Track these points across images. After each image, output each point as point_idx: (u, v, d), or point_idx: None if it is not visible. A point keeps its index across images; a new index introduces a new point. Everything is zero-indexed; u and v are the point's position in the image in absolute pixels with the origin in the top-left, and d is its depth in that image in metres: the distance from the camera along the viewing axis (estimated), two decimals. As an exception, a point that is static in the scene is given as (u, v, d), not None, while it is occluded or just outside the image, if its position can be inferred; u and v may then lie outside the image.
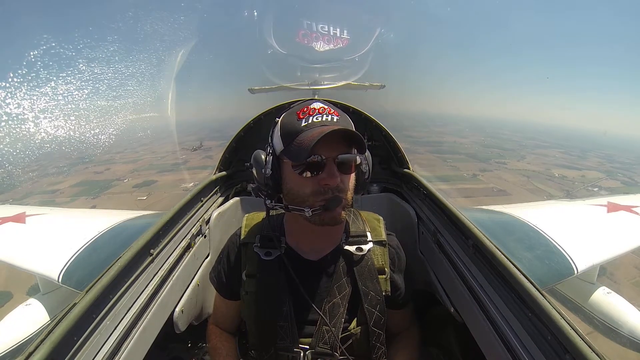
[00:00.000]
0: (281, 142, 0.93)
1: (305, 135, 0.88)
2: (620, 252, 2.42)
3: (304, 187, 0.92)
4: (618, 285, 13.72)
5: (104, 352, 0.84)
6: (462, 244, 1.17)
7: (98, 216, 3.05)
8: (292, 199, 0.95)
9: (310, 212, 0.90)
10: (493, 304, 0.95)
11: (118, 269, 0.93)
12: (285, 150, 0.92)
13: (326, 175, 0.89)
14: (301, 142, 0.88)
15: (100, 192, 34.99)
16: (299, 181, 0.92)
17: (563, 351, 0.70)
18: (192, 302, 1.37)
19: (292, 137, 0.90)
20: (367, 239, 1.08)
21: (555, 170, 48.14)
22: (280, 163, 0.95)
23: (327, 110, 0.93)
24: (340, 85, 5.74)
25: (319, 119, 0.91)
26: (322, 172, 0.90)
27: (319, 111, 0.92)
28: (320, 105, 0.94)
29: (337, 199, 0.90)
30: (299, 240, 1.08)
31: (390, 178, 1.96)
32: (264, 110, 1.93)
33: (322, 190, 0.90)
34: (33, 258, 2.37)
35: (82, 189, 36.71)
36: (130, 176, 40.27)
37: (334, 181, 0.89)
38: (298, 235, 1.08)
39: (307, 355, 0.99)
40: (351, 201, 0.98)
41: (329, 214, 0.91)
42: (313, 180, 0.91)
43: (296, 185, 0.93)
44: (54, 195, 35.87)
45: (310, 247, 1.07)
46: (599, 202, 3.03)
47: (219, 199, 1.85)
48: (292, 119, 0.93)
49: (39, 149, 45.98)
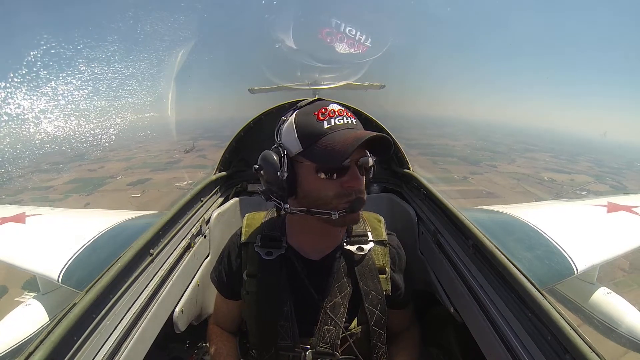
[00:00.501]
0: (299, 143, 0.90)
1: (335, 139, 0.86)
2: (620, 252, 2.42)
3: (327, 189, 0.90)
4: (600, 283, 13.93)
5: (104, 352, 0.84)
6: (462, 244, 1.17)
7: (98, 216, 3.05)
8: (312, 201, 0.92)
9: (337, 215, 0.90)
10: (493, 304, 0.95)
11: (118, 269, 0.93)
12: (306, 153, 0.89)
13: (350, 177, 0.89)
14: (331, 145, 0.85)
15: (94, 189, 35.01)
16: (322, 184, 0.90)
17: (563, 351, 0.70)
18: (192, 302, 1.37)
19: (314, 139, 0.88)
20: (368, 239, 1.08)
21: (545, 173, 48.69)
22: (294, 165, 0.92)
23: (345, 112, 0.92)
24: (340, 85, 5.74)
25: (342, 122, 0.89)
26: (346, 175, 0.89)
27: (338, 113, 0.90)
28: (338, 107, 0.92)
29: (360, 201, 0.91)
30: (300, 240, 1.08)
31: (390, 178, 1.96)
32: (264, 110, 1.93)
33: (346, 192, 0.90)
34: (33, 258, 2.37)
35: (76, 185, 36.66)
36: (124, 174, 40.16)
37: (359, 183, 0.90)
38: (300, 235, 1.08)
39: (308, 355, 0.99)
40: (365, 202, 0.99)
41: (352, 215, 0.92)
42: (335, 182, 0.90)
43: (317, 187, 0.91)
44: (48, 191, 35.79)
45: (312, 247, 1.07)
46: (599, 202, 3.03)
47: (219, 199, 1.85)
48: (311, 120, 0.90)
49: (39, 149, 46.01)
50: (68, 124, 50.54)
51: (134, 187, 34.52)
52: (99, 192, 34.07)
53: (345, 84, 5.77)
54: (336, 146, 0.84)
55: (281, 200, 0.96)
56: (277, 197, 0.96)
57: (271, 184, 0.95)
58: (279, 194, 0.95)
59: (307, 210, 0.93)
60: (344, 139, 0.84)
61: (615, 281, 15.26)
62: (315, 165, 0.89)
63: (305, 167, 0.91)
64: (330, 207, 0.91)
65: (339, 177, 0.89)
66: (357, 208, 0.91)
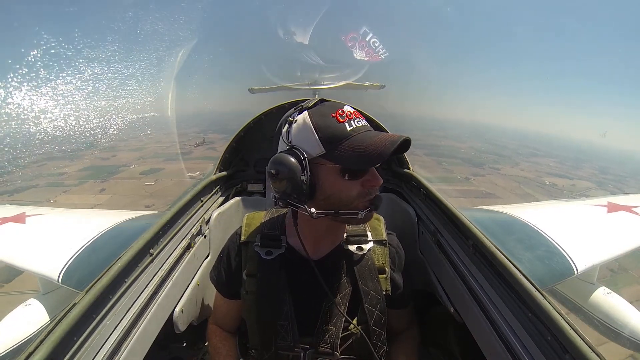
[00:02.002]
0: (320, 145, 0.88)
1: (364, 141, 0.86)
2: (620, 252, 2.42)
3: (350, 190, 0.90)
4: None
5: (103, 352, 0.84)
6: (462, 244, 1.17)
7: (98, 216, 3.05)
8: (333, 203, 0.91)
9: (363, 214, 0.92)
10: (493, 304, 0.95)
11: (118, 269, 0.93)
12: (329, 155, 0.88)
13: (371, 177, 0.92)
14: (360, 147, 0.86)
15: (109, 177, 35.60)
16: (344, 185, 0.90)
17: (563, 351, 0.70)
18: (192, 302, 1.37)
19: (338, 140, 0.87)
20: (367, 239, 1.08)
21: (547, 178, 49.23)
22: (313, 167, 0.90)
23: (359, 114, 0.94)
24: (340, 85, 5.74)
25: (361, 124, 0.91)
26: (367, 175, 0.92)
27: (355, 115, 0.92)
28: (353, 109, 0.94)
29: (380, 198, 0.95)
30: (300, 239, 1.08)
31: (390, 178, 1.96)
32: (264, 110, 1.93)
33: (367, 191, 0.92)
34: (33, 258, 2.37)
35: (90, 173, 37.29)
36: (136, 163, 40.99)
37: (380, 182, 0.93)
38: (301, 234, 1.08)
39: (307, 355, 0.99)
40: None
41: (372, 213, 0.95)
42: (357, 183, 0.91)
43: (341, 189, 0.90)
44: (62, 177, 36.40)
45: (312, 246, 1.07)
46: (599, 202, 3.04)
47: (219, 199, 1.84)
48: (331, 122, 0.89)
49: (38, 148, 46.10)
50: (68, 124, 50.49)
51: (146, 176, 35.19)
52: (113, 180, 34.67)
53: (345, 84, 5.78)
54: (368, 148, 0.85)
55: (300, 204, 0.92)
56: (296, 201, 0.92)
57: (290, 188, 0.90)
58: (299, 198, 0.90)
59: (336, 213, 0.92)
60: (374, 142, 0.86)
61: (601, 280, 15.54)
62: (339, 167, 0.88)
63: (327, 169, 0.89)
64: (352, 207, 0.92)
65: (360, 177, 0.91)
66: (379, 205, 0.95)
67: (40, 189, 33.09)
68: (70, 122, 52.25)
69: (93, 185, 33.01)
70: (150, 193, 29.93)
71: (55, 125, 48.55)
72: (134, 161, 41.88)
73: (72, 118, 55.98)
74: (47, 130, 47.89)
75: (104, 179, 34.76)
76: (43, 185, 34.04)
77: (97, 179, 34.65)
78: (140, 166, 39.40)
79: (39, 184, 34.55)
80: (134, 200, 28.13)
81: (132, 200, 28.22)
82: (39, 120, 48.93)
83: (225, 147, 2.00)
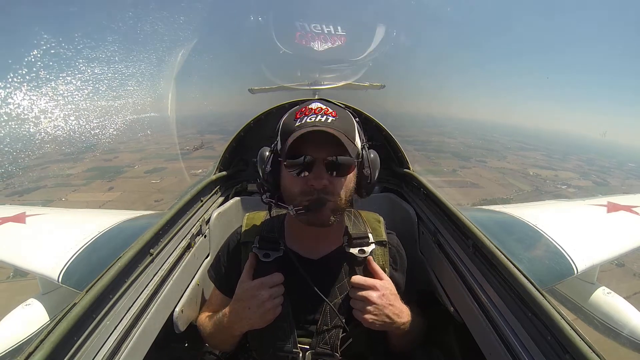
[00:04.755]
0: (279, 140, 0.95)
1: (295, 135, 0.89)
2: (620, 252, 2.42)
3: (294, 186, 0.93)
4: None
5: (103, 352, 0.84)
6: (462, 244, 1.17)
7: (98, 216, 3.04)
8: (286, 196, 0.97)
9: (293, 210, 0.92)
10: (493, 304, 0.95)
11: (118, 269, 0.93)
12: (281, 149, 0.94)
13: (313, 177, 0.90)
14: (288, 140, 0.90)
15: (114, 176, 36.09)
16: (291, 180, 0.94)
17: (563, 351, 0.70)
18: (192, 302, 1.37)
19: (287, 136, 0.91)
20: (369, 241, 1.08)
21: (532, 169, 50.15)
22: (279, 161, 0.97)
23: (323, 110, 0.93)
24: (340, 85, 5.74)
25: (312, 119, 0.91)
26: (311, 174, 0.90)
27: (315, 111, 0.92)
28: (318, 105, 0.94)
29: (320, 201, 0.91)
30: (298, 241, 1.08)
31: (390, 178, 1.96)
32: (264, 110, 1.93)
33: (309, 191, 0.91)
34: (33, 258, 2.37)
35: (95, 173, 37.77)
36: (139, 163, 41.53)
37: (318, 183, 0.90)
38: (298, 236, 1.08)
39: (307, 356, 0.99)
40: (345, 204, 0.97)
41: (313, 214, 0.92)
42: (302, 180, 0.92)
43: (288, 183, 0.95)
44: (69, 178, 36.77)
45: (309, 248, 1.06)
46: (599, 202, 3.03)
47: (219, 199, 1.84)
48: (290, 118, 0.95)
49: (39, 149, 46.11)
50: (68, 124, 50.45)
51: (151, 174, 35.78)
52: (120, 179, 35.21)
53: (345, 84, 5.77)
54: (289, 142, 0.88)
55: (270, 195, 1.01)
56: (267, 191, 1.01)
57: (261, 178, 1.01)
58: (268, 188, 1.00)
59: (275, 202, 0.98)
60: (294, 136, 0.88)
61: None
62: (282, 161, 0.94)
63: (281, 164, 0.96)
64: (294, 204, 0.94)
65: (304, 175, 0.91)
66: (315, 208, 0.91)
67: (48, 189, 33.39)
68: (70, 123, 52.22)
69: (100, 184, 33.49)
70: (158, 189, 30.40)
71: (55, 125, 48.51)
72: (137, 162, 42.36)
73: (72, 118, 55.95)
74: (47, 130, 47.88)
75: (111, 178, 35.25)
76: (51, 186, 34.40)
77: (103, 179, 35.11)
78: (144, 166, 39.88)
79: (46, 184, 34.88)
80: (143, 196, 28.59)
81: (141, 196, 28.68)
82: (39, 121, 48.97)
83: (225, 147, 2.00)
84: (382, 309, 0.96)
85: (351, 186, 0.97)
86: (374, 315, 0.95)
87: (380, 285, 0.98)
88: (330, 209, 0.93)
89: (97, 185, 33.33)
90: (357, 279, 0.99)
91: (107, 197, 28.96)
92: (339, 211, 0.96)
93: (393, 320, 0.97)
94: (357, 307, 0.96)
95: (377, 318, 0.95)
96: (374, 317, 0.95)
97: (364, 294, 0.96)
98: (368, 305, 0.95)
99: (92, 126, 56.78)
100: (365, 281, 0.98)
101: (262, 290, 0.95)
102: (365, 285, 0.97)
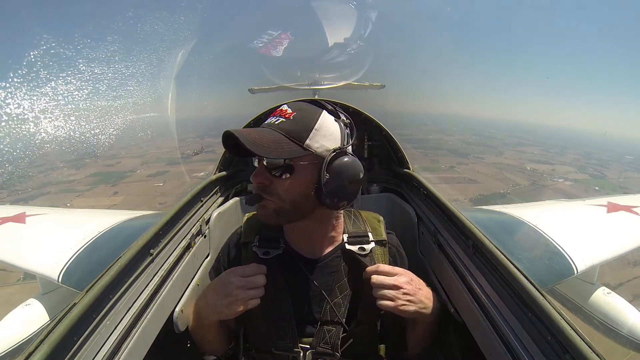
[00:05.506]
0: None
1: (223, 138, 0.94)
2: (620, 252, 2.42)
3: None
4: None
5: (104, 352, 0.84)
6: (462, 244, 1.17)
7: (98, 216, 3.05)
8: None
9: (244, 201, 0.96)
10: (493, 304, 0.95)
11: (118, 269, 0.93)
12: None
13: (253, 173, 0.95)
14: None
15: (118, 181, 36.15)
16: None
17: (563, 351, 0.70)
18: (192, 302, 1.37)
19: None
20: (369, 239, 1.08)
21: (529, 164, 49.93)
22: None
23: (284, 112, 0.94)
24: (340, 85, 5.75)
25: (270, 121, 0.95)
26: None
27: (278, 113, 0.95)
28: (286, 107, 0.96)
29: (255, 198, 0.96)
30: (297, 240, 1.08)
31: (390, 178, 1.96)
32: (264, 110, 1.93)
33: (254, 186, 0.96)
34: (33, 258, 2.37)
35: (98, 178, 37.79)
36: (141, 168, 41.57)
37: (254, 179, 0.94)
38: (297, 235, 1.08)
39: (307, 355, 0.99)
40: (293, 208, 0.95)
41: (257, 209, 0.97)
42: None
43: None
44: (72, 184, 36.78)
45: (308, 247, 1.06)
46: (599, 202, 3.04)
47: (219, 199, 1.84)
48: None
49: (39, 148, 46.18)
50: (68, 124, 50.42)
51: (154, 178, 35.86)
52: (123, 183, 35.28)
53: (345, 84, 5.78)
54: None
55: None
56: None
57: None
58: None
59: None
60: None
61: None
62: None
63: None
64: None
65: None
66: (249, 203, 0.96)
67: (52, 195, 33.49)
68: (70, 123, 52.24)
69: (104, 189, 33.56)
70: (161, 192, 30.56)
71: (55, 125, 48.53)
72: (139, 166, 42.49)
73: (73, 118, 56.00)
74: (47, 130, 47.92)
75: (114, 183, 35.32)
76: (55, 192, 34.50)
77: (107, 184, 35.16)
78: (146, 170, 40.05)
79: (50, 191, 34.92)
80: (147, 200, 28.67)
81: (145, 200, 28.76)
82: (38, 121, 48.95)
83: None
84: (415, 293, 0.96)
85: (301, 190, 0.93)
86: (408, 300, 0.94)
87: (405, 272, 0.99)
88: (273, 209, 0.94)
89: (101, 190, 33.49)
90: (383, 267, 0.98)
91: (112, 202, 29.01)
92: (286, 215, 0.95)
93: (426, 305, 0.98)
94: (389, 296, 0.94)
95: (411, 304, 0.95)
96: (407, 303, 0.94)
97: (392, 281, 0.95)
98: (399, 292, 0.94)
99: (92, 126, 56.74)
100: (392, 269, 0.98)
101: (233, 278, 0.94)
102: (392, 272, 0.97)
